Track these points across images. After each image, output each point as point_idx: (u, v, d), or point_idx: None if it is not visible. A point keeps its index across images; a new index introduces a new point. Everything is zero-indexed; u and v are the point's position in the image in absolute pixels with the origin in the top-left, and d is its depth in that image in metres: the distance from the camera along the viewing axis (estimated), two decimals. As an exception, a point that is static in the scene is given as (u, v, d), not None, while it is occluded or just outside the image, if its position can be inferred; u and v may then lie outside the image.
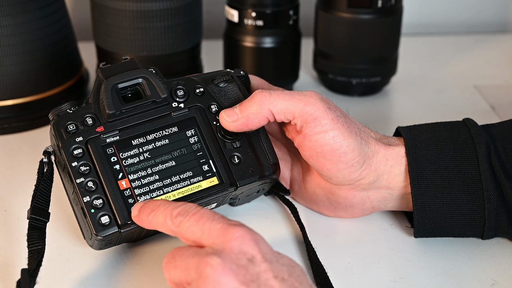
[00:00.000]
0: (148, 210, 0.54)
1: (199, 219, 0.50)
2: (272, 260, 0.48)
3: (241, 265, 0.47)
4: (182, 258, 0.49)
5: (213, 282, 0.46)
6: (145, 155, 0.59)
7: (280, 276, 0.47)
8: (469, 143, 0.62)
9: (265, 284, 0.46)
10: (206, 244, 0.49)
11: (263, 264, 0.47)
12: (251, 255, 0.48)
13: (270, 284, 0.46)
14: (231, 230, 0.49)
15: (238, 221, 0.50)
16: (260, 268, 0.47)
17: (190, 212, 0.51)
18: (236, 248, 0.48)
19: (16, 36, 0.79)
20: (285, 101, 0.60)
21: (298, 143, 0.62)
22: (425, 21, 1.16)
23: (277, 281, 0.47)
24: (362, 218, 0.67)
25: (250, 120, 0.60)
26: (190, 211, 0.51)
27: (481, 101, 0.92)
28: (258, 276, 0.47)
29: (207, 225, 0.50)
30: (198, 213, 0.51)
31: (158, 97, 0.60)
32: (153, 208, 0.53)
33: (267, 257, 0.48)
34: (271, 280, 0.46)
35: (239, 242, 0.48)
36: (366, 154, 0.61)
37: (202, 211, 0.51)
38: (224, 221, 0.50)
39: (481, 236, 0.63)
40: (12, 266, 0.61)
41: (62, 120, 0.59)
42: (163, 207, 0.53)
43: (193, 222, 0.50)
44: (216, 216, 0.50)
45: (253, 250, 0.48)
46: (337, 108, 0.62)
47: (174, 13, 0.82)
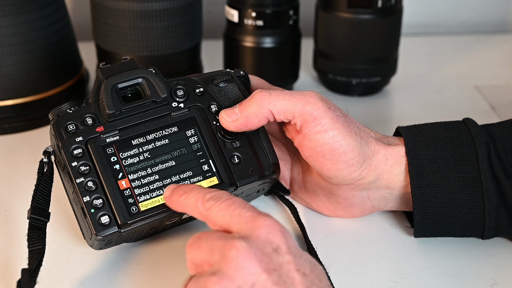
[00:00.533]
0: (180, 192, 0.54)
1: (230, 205, 0.51)
2: (296, 254, 0.48)
3: (265, 253, 0.47)
4: (208, 240, 0.49)
5: (236, 265, 0.47)
6: (145, 155, 0.59)
7: (302, 270, 0.47)
8: (469, 142, 0.62)
9: (287, 275, 0.47)
10: (234, 230, 0.50)
11: (287, 255, 0.48)
12: (277, 245, 0.48)
13: (292, 276, 0.47)
14: (260, 219, 0.49)
15: (267, 213, 0.50)
16: (284, 259, 0.47)
17: (222, 198, 0.52)
18: (263, 236, 0.48)
19: (16, 36, 0.79)
20: (285, 101, 0.60)
21: (298, 143, 0.62)
22: (425, 21, 1.16)
23: (299, 274, 0.47)
24: (362, 218, 0.67)
25: (250, 120, 0.60)
26: (222, 197, 0.52)
27: (481, 101, 0.92)
28: (281, 266, 0.47)
29: (237, 212, 0.50)
30: (230, 199, 0.51)
31: (158, 97, 0.60)
32: (186, 190, 0.54)
33: (292, 250, 0.48)
34: (293, 272, 0.47)
35: (266, 231, 0.48)
36: (366, 153, 0.61)
37: (234, 199, 0.51)
38: (254, 210, 0.50)
39: (481, 236, 0.63)
40: (12, 266, 0.61)
41: (62, 120, 0.59)
42: (196, 191, 0.53)
43: (223, 207, 0.51)
44: (247, 205, 0.51)
45: (279, 241, 0.48)
46: (337, 108, 0.62)
47: (174, 13, 0.82)
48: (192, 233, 0.65)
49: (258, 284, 0.46)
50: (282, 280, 0.46)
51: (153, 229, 0.61)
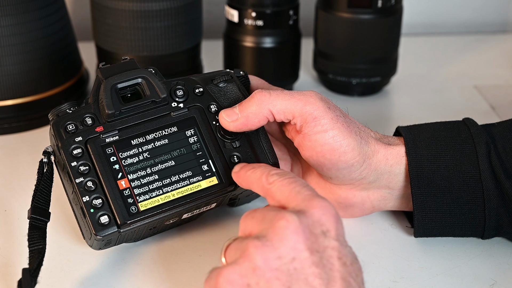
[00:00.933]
0: (249, 167, 0.56)
1: (292, 183, 0.51)
2: (342, 242, 0.49)
3: (314, 232, 0.48)
4: (262, 211, 0.50)
5: (282, 235, 0.47)
6: (145, 155, 0.59)
7: (343, 260, 0.48)
8: (469, 142, 0.62)
9: (328, 260, 0.47)
10: (290, 205, 0.50)
11: (334, 241, 0.48)
12: (327, 228, 0.48)
13: (332, 262, 0.47)
14: (318, 199, 0.50)
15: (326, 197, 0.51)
16: (329, 243, 0.48)
17: (286, 175, 0.53)
18: (316, 216, 0.49)
19: (16, 36, 0.79)
20: (285, 101, 0.60)
21: (297, 143, 0.62)
22: (425, 21, 1.16)
23: (340, 262, 0.47)
24: (362, 218, 0.67)
25: (249, 120, 0.60)
26: (287, 175, 0.53)
27: (481, 101, 0.92)
28: (324, 249, 0.47)
29: (297, 189, 0.51)
30: (293, 178, 0.52)
31: (158, 97, 0.60)
32: (254, 166, 0.56)
33: (339, 238, 0.49)
34: (334, 259, 0.47)
35: (320, 212, 0.49)
36: (366, 153, 0.61)
37: (297, 178, 0.52)
38: (314, 191, 0.51)
39: (481, 236, 0.63)
40: (12, 266, 0.61)
41: (61, 120, 0.59)
42: (263, 167, 0.55)
43: (285, 183, 0.52)
44: (308, 185, 0.51)
45: (330, 225, 0.49)
46: (336, 108, 0.61)
47: (174, 13, 0.82)
48: (192, 233, 0.65)
49: (298, 260, 0.47)
50: (322, 263, 0.47)
51: (153, 229, 0.61)
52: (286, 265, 0.47)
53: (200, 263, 0.61)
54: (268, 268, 0.47)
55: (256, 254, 0.47)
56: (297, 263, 0.47)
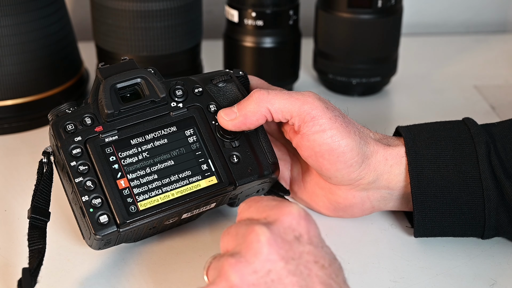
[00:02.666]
0: None
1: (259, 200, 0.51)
2: (317, 245, 0.48)
3: (286, 240, 0.47)
4: (236, 227, 0.50)
5: (255, 250, 0.47)
6: (144, 155, 0.59)
7: (320, 263, 0.47)
8: (469, 142, 0.62)
9: (305, 266, 0.46)
10: (260, 217, 0.50)
11: (308, 245, 0.47)
12: (299, 233, 0.48)
13: (309, 268, 0.47)
14: (286, 205, 0.49)
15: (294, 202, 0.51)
16: (304, 248, 0.47)
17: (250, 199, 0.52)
18: (286, 223, 0.48)
19: (16, 36, 0.79)
20: (283, 100, 0.60)
21: (296, 143, 0.62)
22: (425, 21, 1.16)
23: (317, 266, 0.47)
24: (362, 218, 0.67)
25: (248, 119, 0.60)
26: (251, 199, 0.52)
27: (481, 101, 0.92)
28: (300, 255, 0.47)
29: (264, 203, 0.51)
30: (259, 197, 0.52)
31: (157, 97, 0.60)
32: None
33: (314, 240, 0.48)
34: (311, 264, 0.47)
35: (290, 218, 0.48)
36: (364, 153, 0.61)
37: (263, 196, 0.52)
38: (282, 200, 0.51)
39: (481, 236, 0.63)
40: (12, 265, 0.61)
41: (61, 120, 0.59)
42: None
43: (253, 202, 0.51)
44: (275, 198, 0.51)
45: (302, 229, 0.48)
46: (335, 108, 0.61)
47: (174, 13, 0.82)
48: (192, 233, 0.65)
49: (274, 271, 0.46)
50: (299, 270, 0.46)
51: (153, 229, 0.61)
52: (263, 278, 0.46)
53: (200, 263, 0.61)
54: (245, 284, 0.46)
55: (231, 272, 0.46)
56: (274, 275, 0.46)
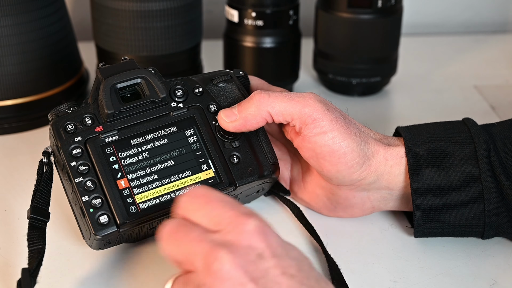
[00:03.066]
0: None
1: (208, 202, 0.48)
2: (281, 255, 0.47)
3: (250, 260, 0.46)
4: (187, 239, 0.47)
5: (222, 279, 0.45)
6: (144, 155, 0.59)
7: (288, 273, 0.46)
8: (469, 142, 0.62)
9: (273, 281, 0.45)
10: (214, 229, 0.47)
11: (272, 260, 0.46)
12: (261, 250, 0.46)
13: (278, 281, 0.45)
14: (242, 222, 0.47)
15: (248, 210, 0.48)
16: (269, 264, 0.46)
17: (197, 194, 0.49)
18: (245, 243, 0.46)
19: (16, 36, 0.79)
20: (284, 103, 0.60)
21: (297, 144, 0.62)
22: (425, 21, 1.16)
23: (286, 277, 0.46)
24: (362, 218, 0.67)
25: (248, 121, 0.60)
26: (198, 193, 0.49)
27: (481, 101, 0.92)
28: (266, 272, 0.46)
29: (216, 212, 0.48)
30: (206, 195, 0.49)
31: (157, 97, 0.60)
32: None
33: (277, 252, 0.47)
34: (279, 277, 0.45)
35: (248, 236, 0.47)
36: (366, 154, 0.61)
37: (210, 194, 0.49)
38: (235, 207, 0.48)
39: (481, 236, 0.63)
40: (12, 266, 0.61)
41: (61, 120, 0.59)
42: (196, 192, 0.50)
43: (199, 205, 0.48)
44: (225, 200, 0.48)
45: (263, 245, 0.47)
46: (336, 109, 0.61)
47: (174, 13, 0.82)
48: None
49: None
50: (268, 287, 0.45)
51: (153, 229, 0.61)
52: None
53: (200, 263, 0.61)
54: None
55: None
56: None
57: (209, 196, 0.48)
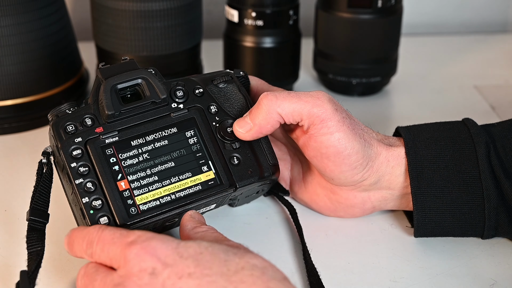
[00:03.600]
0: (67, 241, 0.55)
1: (103, 247, 0.51)
2: (174, 261, 0.48)
3: (145, 283, 0.48)
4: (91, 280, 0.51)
5: None
6: (145, 156, 0.59)
7: (185, 273, 0.47)
8: (469, 142, 0.62)
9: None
10: (115, 267, 0.51)
11: (165, 271, 0.48)
12: (152, 268, 0.48)
13: (179, 286, 0.47)
14: (127, 252, 0.49)
15: (133, 235, 0.51)
16: (163, 276, 0.48)
17: (94, 240, 0.52)
18: (135, 268, 0.49)
19: (16, 36, 0.79)
20: (293, 104, 0.60)
21: (302, 143, 0.62)
22: (425, 21, 1.16)
23: (184, 280, 0.47)
24: (362, 218, 0.67)
25: (263, 127, 0.60)
26: (94, 239, 0.52)
27: (481, 101, 0.92)
28: (164, 285, 0.47)
29: (110, 251, 0.51)
30: (100, 239, 0.52)
31: (158, 98, 0.60)
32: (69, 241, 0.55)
33: (168, 261, 0.48)
34: (178, 283, 0.47)
35: (136, 261, 0.49)
36: (369, 156, 0.61)
37: (102, 235, 0.52)
38: (122, 241, 0.51)
39: (481, 236, 0.63)
40: (12, 266, 0.61)
41: (61, 121, 0.59)
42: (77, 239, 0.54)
43: (99, 250, 0.52)
44: (115, 237, 0.51)
45: (152, 262, 0.48)
46: (343, 109, 0.61)
47: (174, 13, 0.82)
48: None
49: None
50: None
51: (153, 230, 0.61)
52: None
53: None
54: None
55: None
56: None
57: (103, 238, 0.52)
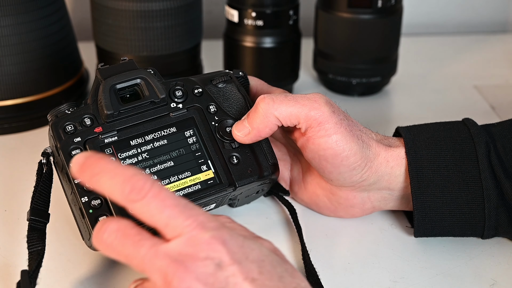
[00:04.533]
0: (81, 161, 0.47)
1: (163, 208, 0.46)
2: (241, 260, 0.46)
3: (209, 273, 0.45)
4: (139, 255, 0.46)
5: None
6: (144, 156, 0.59)
7: (250, 277, 0.45)
8: (469, 142, 0.62)
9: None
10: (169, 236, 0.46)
11: (231, 267, 0.45)
12: (219, 259, 0.45)
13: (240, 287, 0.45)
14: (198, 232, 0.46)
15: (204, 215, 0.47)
16: (228, 272, 0.45)
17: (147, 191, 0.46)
18: (203, 254, 0.45)
19: (16, 36, 0.79)
20: (290, 107, 0.60)
21: (301, 144, 0.62)
22: (425, 21, 1.16)
23: (247, 283, 0.45)
24: (362, 218, 0.67)
25: (261, 131, 0.60)
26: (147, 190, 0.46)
27: (481, 101, 0.92)
28: (227, 281, 0.45)
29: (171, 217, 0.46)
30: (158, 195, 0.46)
31: (157, 98, 0.60)
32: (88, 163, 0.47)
33: (236, 258, 0.46)
34: (241, 283, 0.45)
35: (206, 247, 0.45)
36: (367, 157, 0.61)
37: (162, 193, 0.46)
38: (192, 214, 0.46)
39: (481, 236, 0.63)
40: (12, 266, 0.61)
41: (60, 121, 0.59)
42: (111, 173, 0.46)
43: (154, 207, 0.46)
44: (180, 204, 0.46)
45: (221, 253, 0.45)
46: (340, 111, 0.61)
47: (174, 13, 0.82)
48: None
49: None
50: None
51: (152, 230, 0.61)
52: None
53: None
54: None
55: None
56: None
57: (165, 198, 0.47)
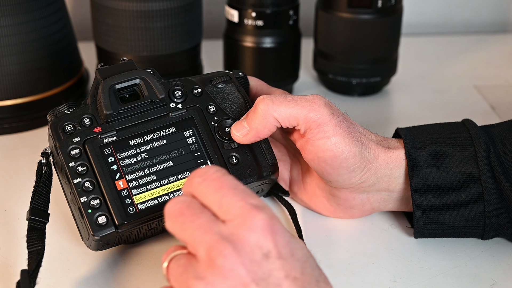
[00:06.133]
0: None
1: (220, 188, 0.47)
2: (287, 256, 0.45)
3: (255, 260, 0.45)
4: (194, 225, 0.46)
5: (223, 275, 0.44)
6: (143, 156, 0.59)
7: (292, 275, 0.45)
8: (469, 143, 0.62)
9: (275, 283, 0.44)
10: (222, 218, 0.46)
11: (278, 261, 0.45)
12: (267, 250, 0.45)
13: (280, 284, 0.44)
14: (252, 216, 0.45)
15: (259, 201, 0.47)
16: (273, 265, 0.45)
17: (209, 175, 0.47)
18: (253, 240, 0.45)
19: (16, 36, 0.79)
20: (289, 108, 0.60)
21: (300, 146, 0.62)
22: (425, 21, 1.16)
23: (288, 281, 0.45)
24: (362, 218, 0.67)
25: (259, 132, 0.60)
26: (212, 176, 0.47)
27: (481, 101, 0.92)
28: (270, 274, 0.44)
29: (226, 199, 0.46)
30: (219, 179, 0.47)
31: (156, 98, 0.60)
32: None
33: (283, 253, 0.45)
34: (282, 280, 0.44)
35: (258, 235, 0.45)
36: (366, 159, 0.61)
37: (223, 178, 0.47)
38: (246, 197, 0.46)
39: (481, 237, 0.63)
40: (12, 266, 0.61)
41: (59, 121, 0.59)
42: None
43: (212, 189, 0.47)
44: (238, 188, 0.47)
45: (270, 244, 0.45)
46: (340, 113, 0.61)
47: (174, 13, 0.82)
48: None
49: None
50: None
51: (152, 230, 0.61)
52: None
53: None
54: None
55: None
56: None
57: (222, 181, 0.47)
